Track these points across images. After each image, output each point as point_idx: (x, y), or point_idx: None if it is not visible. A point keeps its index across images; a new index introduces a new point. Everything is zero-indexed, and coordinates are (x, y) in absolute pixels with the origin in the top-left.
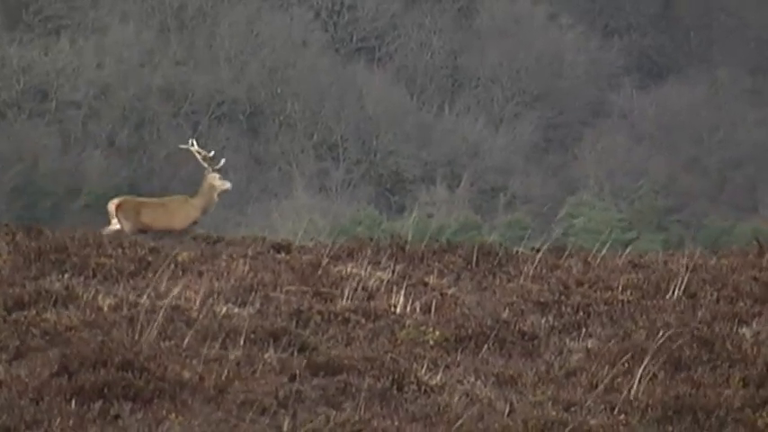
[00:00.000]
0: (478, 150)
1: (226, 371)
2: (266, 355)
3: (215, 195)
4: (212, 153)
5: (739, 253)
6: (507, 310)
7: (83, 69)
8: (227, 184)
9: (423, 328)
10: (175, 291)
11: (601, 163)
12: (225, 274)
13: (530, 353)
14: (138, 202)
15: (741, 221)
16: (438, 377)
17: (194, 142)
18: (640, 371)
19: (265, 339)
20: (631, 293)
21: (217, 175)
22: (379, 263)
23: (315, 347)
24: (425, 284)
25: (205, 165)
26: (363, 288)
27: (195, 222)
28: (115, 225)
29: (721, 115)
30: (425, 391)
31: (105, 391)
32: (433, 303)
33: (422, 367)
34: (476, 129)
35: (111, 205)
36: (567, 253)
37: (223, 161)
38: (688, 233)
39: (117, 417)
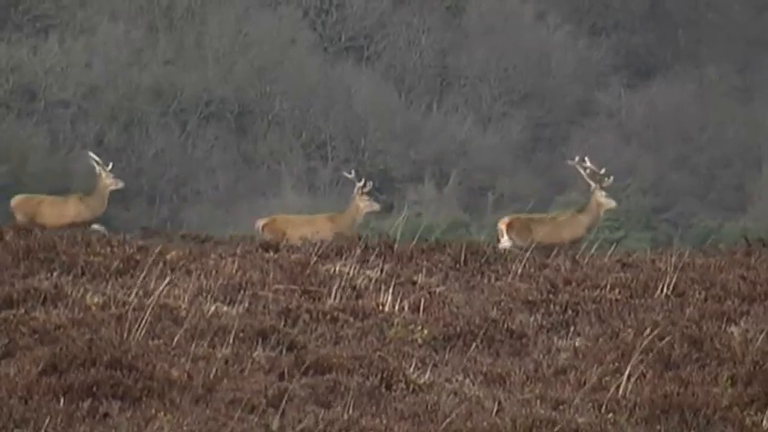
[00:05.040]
0: (467, 149)
1: (214, 369)
2: (255, 354)
3: (601, 213)
4: (603, 170)
5: (727, 252)
6: (496, 309)
7: (71, 69)
8: (612, 203)
9: (411, 326)
10: (164, 289)
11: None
12: (213, 272)
13: (518, 351)
14: (529, 219)
15: (729, 220)
16: (426, 376)
17: (581, 158)
18: (628, 369)
19: (254, 338)
20: (619, 292)
21: (603, 193)
22: (368, 261)
23: (303, 346)
24: (414, 283)
25: (592, 183)
26: (352, 287)
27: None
28: (506, 242)
29: (709, 113)
30: (414, 389)
31: (94, 389)
32: (422, 302)
33: (410, 366)
34: (464, 127)
35: (502, 224)
36: (555, 252)
37: (611, 179)
38: (676, 232)
39: (106, 415)
